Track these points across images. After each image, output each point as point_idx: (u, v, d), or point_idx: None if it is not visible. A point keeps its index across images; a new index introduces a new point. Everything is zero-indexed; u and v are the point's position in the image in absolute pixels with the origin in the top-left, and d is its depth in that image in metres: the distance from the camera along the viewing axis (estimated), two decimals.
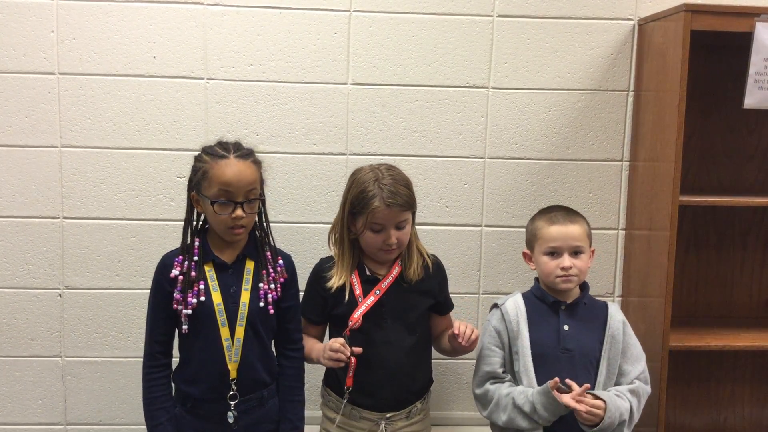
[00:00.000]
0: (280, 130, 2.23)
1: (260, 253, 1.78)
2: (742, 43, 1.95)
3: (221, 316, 1.70)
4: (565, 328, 1.78)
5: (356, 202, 1.77)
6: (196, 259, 1.72)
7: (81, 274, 2.24)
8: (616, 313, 1.82)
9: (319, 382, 1.99)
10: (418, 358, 1.88)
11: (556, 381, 1.66)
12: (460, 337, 1.73)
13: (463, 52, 2.23)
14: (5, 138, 2.18)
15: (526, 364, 1.76)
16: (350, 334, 1.78)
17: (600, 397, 1.68)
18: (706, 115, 2.28)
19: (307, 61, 2.21)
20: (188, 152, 2.16)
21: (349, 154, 2.25)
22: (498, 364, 1.80)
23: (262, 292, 1.74)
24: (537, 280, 1.87)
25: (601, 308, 1.83)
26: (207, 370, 1.72)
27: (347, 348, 1.71)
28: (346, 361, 1.72)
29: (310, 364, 1.88)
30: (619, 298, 2.34)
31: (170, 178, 2.22)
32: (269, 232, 1.82)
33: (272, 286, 1.76)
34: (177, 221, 1.97)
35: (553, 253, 1.79)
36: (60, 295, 2.25)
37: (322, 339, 1.93)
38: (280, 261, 1.80)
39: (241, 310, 1.72)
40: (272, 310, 1.76)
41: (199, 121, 2.21)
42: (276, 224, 1.90)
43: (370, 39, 2.21)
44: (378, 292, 1.81)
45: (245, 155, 1.71)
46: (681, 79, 1.92)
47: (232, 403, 1.72)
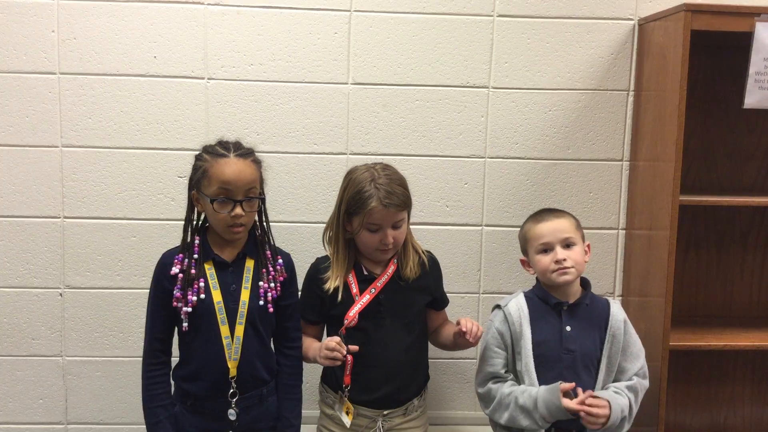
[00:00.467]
0: (281, 129, 2.23)
1: (260, 251, 1.78)
2: (743, 43, 1.95)
3: (221, 314, 1.71)
4: (568, 329, 1.78)
5: (352, 202, 1.77)
6: (196, 257, 1.72)
7: (82, 274, 2.25)
8: (618, 312, 1.82)
9: (317, 380, 1.99)
10: (417, 356, 1.89)
11: (572, 385, 1.68)
12: (468, 334, 1.73)
13: (464, 52, 2.24)
14: (6, 138, 2.18)
15: (528, 364, 1.76)
16: (347, 332, 1.78)
17: (602, 398, 1.69)
18: (707, 115, 2.28)
19: (308, 61, 2.21)
20: (189, 152, 2.17)
21: (350, 154, 2.25)
22: (500, 365, 1.81)
23: (261, 291, 1.75)
24: (538, 280, 1.87)
25: (603, 307, 1.83)
26: (207, 368, 1.73)
27: (343, 347, 1.71)
28: (342, 360, 1.72)
29: (309, 363, 1.89)
30: (620, 298, 2.34)
31: (171, 178, 2.22)
32: (269, 232, 1.82)
33: (272, 285, 1.77)
34: (178, 221, 1.97)
35: (546, 250, 1.80)
36: (61, 295, 2.26)
37: (320, 338, 1.93)
38: (280, 260, 1.81)
39: (241, 309, 1.73)
40: (272, 309, 1.77)
41: (200, 120, 2.21)
42: (276, 223, 1.90)
43: (371, 39, 2.21)
44: (373, 290, 1.82)
45: (245, 154, 1.72)
46: (681, 79, 1.92)
47: (233, 400, 1.72)
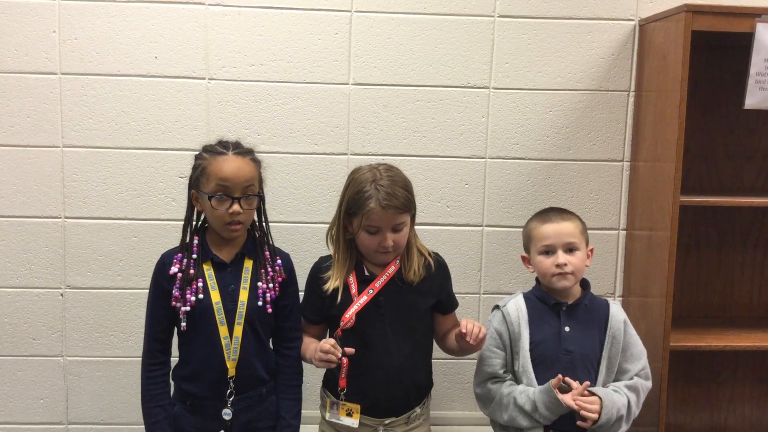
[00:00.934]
0: (282, 130, 2.23)
1: (259, 252, 1.78)
2: (743, 44, 1.95)
3: (220, 315, 1.71)
4: (566, 329, 1.78)
5: (352, 202, 1.73)
6: (195, 257, 1.72)
7: (82, 274, 2.25)
8: (618, 313, 1.82)
9: (319, 381, 1.99)
10: (418, 361, 1.82)
11: (560, 379, 1.66)
12: (468, 336, 1.66)
13: (464, 53, 2.24)
14: (7, 138, 2.19)
15: (526, 365, 1.76)
16: (344, 334, 1.74)
17: (596, 393, 1.69)
18: (707, 116, 2.28)
19: (309, 62, 2.21)
20: (190, 152, 2.16)
21: (351, 154, 2.25)
22: (499, 365, 1.80)
23: (260, 292, 1.74)
24: (538, 281, 1.87)
25: (602, 308, 1.83)
26: (206, 369, 1.73)
27: (338, 349, 1.66)
28: (336, 362, 1.67)
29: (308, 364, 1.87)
30: (620, 298, 2.35)
31: (171, 178, 2.22)
32: (268, 232, 1.82)
33: (270, 286, 1.76)
34: (178, 221, 1.96)
35: (548, 252, 1.79)
36: (62, 295, 2.26)
37: (321, 338, 1.86)
38: (279, 260, 1.80)
39: (240, 309, 1.73)
40: (270, 309, 1.76)
41: (201, 121, 2.21)
42: (277, 224, 1.90)
43: (372, 39, 2.22)
44: (371, 291, 1.77)
45: (244, 152, 1.73)
46: (682, 80, 1.93)
47: (229, 400, 1.72)
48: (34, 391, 2.29)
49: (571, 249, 1.78)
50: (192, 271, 1.71)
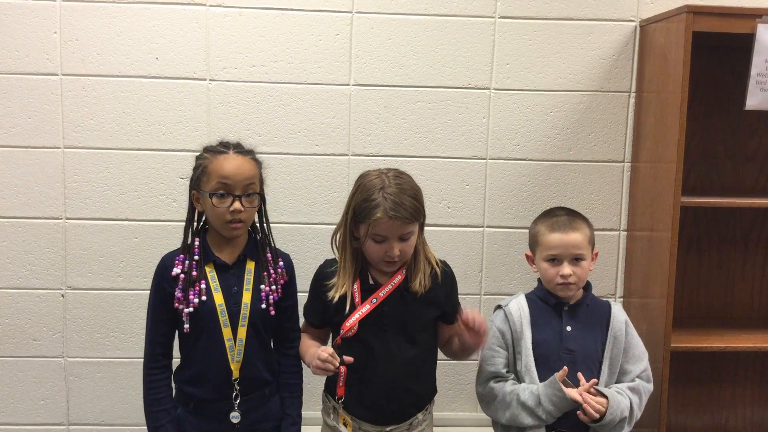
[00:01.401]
0: (282, 131, 2.23)
1: (261, 254, 1.78)
2: (744, 45, 1.95)
3: (223, 317, 1.70)
4: (568, 329, 1.78)
5: (359, 209, 1.67)
6: (197, 258, 1.72)
7: (83, 275, 2.25)
8: (619, 313, 1.82)
9: (321, 383, 1.98)
10: (420, 371, 1.78)
11: (565, 371, 1.66)
12: (471, 322, 1.62)
13: (465, 54, 2.24)
14: (8, 139, 2.19)
15: (528, 364, 1.76)
16: (346, 342, 1.71)
17: (603, 393, 1.69)
18: (708, 117, 2.28)
19: (310, 62, 2.21)
20: (190, 153, 2.16)
21: (351, 155, 2.25)
22: (501, 364, 1.80)
23: (263, 294, 1.74)
24: (540, 281, 1.87)
25: (604, 308, 1.83)
26: (210, 371, 1.72)
27: (336, 358, 1.62)
28: (333, 371, 1.64)
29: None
30: (621, 299, 2.35)
31: (172, 179, 2.22)
32: (269, 233, 1.82)
33: (273, 288, 1.76)
34: (179, 222, 1.96)
35: (554, 260, 1.78)
36: (63, 296, 2.26)
37: (323, 341, 1.86)
38: (281, 263, 1.80)
39: (243, 311, 1.72)
40: (273, 311, 1.76)
41: (202, 122, 2.21)
42: (278, 225, 1.90)
43: (372, 40, 2.22)
44: (375, 300, 1.72)
45: (245, 152, 1.73)
46: (683, 81, 1.93)
47: (236, 402, 1.72)
48: (35, 392, 2.29)
49: (577, 258, 1.77)
50: (194, 273, 1.71)
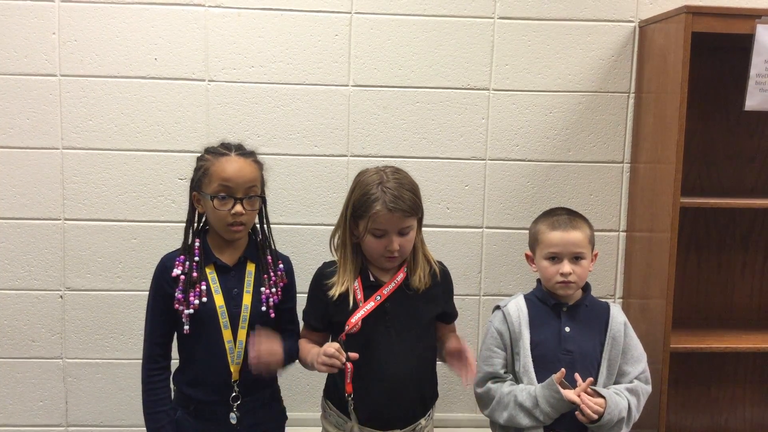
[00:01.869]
0: (281, 131, 2.23)
1: (261, 256, 1.77)
2: (743, 45, 1.95)
3: (224, 319, 1.70)
4: (567, 330, 1.78)
5: (358, 204, 1.69)
6: (197, 259, 1.72)
7: (82, 276, 2.25)
8: (618, 315, 1.82)
9: (322, 384, 1.97)
10: (424, 370, 1.78)
11: (563, 373, 1.66)
12: (464, 352, 1.67)
13: (464, 54, 2.24)
14: (7, 140, 2.18)
15: (527, 365, 1.76)
16: (349, 340, 1.69)
17: (601, 394, 1.69)
18: (707, 117, 2.28)
19: (309, 63, 2.21)
20: (189, 154, 2.18)
21: (350, 156, 2.25)
22: (500, 365, 1.80)
23: (264, 297, 1.73)
24: (539, 281, 1.87)
25: (602, 309, 1.83)
26: (210, 373, 1.72)
27: (342, 354, 1.62)
28: (340, 367, 1.63)
29: (307, 369, 1.82)
30: (620, 300, 2.35)
31: (171, 180, 2.22)
32: (270, 235, 1.81)
33: (273, 290, 1.76)
34: (178, 223, 1.97)
35: (554, 258, 1.78)
36: (61, 297, 2.26)
37: (322, 345, 1.82)
38: (281, 265, 1.80)
39: (244, 313, 1.72)
40: (273, 314, 1.76)
41: (201, 122, 2.21)
42: (277, 225, 1.89)
43: (371, 41, 2.22)
44: (379, 298, 1.72)
45: (246, 154, 1.72)
46: (682, 81, 1.93)
47: (235, 404, 1.72)
48: (34, 393, 2.29)
49: (577, 257, 1.77)
50: (195, 274, 1.70)
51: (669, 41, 2.02)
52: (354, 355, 1.65)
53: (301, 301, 1.86)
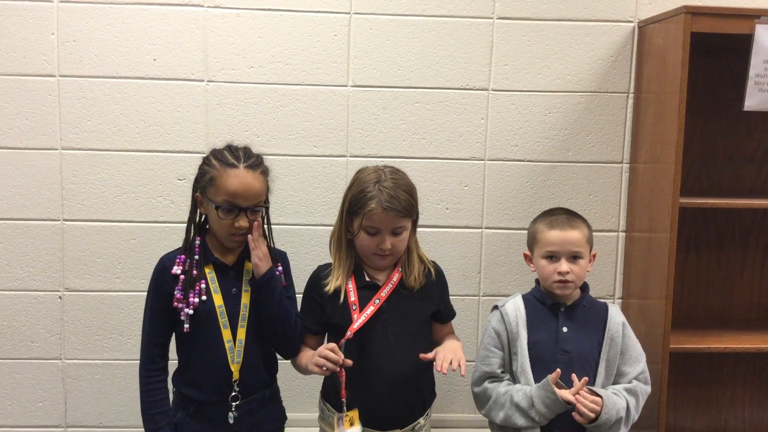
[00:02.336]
0: (280, 132, 2.23)
1: None
2: (743, 45, 1.95)
3: (223, 318, 1.70)
4: (564, 330, 1.78)
5: (354, 201, 1.71)
6: (197, 258, 1.72)
7: (81, 277, 2.24)
8: (616, 315, 1.82)
9: (319, 386, 1.97)
10: (422, 369, 1.77)
11: (558, 373, 1.66)
12: (438, 366, 1.63)
13: (464, 54, 2.24)
14: (5, 140, 2.18)
15: (524, 365, 1.76)
16: (346, 344, 1.70)
17: (597, 393, 1.69)
18: (707, 117, 2.28)
19: (308, 63, 2.21)
20: (188, 154, 2.18)
21: (350, 156, 2.25)
22: (497, 365, 1.80)
23: None
24: (537, 281, 1.87)
25: (601, 310, 1.83)
26: (210, 373, 1.72)
27: (339, 355, 1.62)
28: (333, 369, 1.63)
29: (301, 373, 1.83)
30: (620, 300, 2.34)
31: (170, 180, 2.22)
32: (270, 237, 1.81)
33: None
34: (177, 223, 1.97)
35: (552, 257, 1.78)
36: (60, 298, 2.25)
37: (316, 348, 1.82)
38: (280, 267, 1.80)
39: (243, 312, 1.72)
40: None
41: (200, 123, 2.21)
42: (276, 226, 1.89)
43: (371, 41, 2.21)
44: (377, 302, 1.73)
45: (254, 165, 1.68)
46: (681, 81, 1.93)
47: (234, 404, 1.72)
48: (33, 394, 2.29)
49: (575, 256, 1.77)
50: (195, 273, 1.70)
51: (668, 41, 2.02)
52: (348, 362, 1.65)
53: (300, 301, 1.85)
